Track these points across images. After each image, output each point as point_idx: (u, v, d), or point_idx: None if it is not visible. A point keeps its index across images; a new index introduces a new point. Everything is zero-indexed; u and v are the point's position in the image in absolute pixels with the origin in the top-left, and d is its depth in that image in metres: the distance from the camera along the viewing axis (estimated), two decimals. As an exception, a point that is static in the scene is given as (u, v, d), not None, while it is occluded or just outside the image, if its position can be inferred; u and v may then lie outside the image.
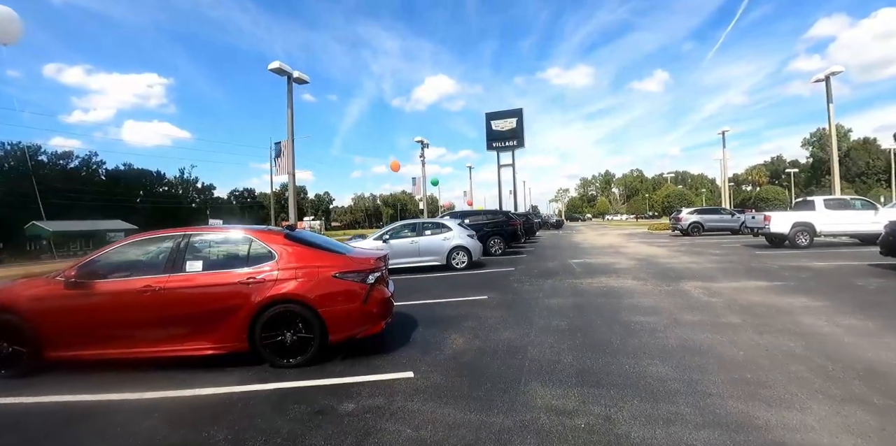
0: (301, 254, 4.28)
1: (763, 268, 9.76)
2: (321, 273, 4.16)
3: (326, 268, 4.20)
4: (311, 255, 4.28)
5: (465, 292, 7.87)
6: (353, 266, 4.25)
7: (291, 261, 4.21)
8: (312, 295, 4.09)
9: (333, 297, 4.12)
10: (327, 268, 4.19)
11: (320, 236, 5.15)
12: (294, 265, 4.19)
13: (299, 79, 14.11)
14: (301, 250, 4.30)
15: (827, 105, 18.60)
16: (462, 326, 5.44)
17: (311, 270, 4.17)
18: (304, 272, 4.16)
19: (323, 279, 4.14)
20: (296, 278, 4.13)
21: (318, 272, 4.16)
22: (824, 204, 14.28)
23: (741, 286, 7.61)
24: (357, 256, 4.47)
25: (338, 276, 4.17)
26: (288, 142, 13.83)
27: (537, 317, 5.75)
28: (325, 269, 4.18)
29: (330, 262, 4.25)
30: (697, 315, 5.68)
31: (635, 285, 7.97)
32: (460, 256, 11.24)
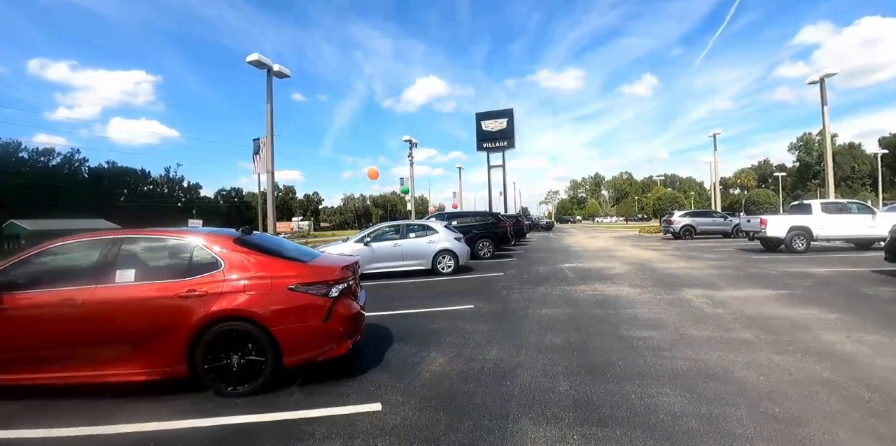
0: (252, 262, 3.63)
1: (763, 274, 9.29)
2: (275, 285, 3.52)
3: (281, 278, 3.56)
4: (264, 264, 3.63)
5: (450, 301, 7.25)
6: (313, 276, 3.62)
7: (240, 271, 3.57)
8: (263, 311, 3.45)
9: (289, 314, 3.49)
10: (282, 279, 3.55)
11: (280, 240, 4.51)
12: (243, 275, 3.55)
13: (279, 72, 13.41)
14: (252, 257, 3.66)
15: (822, 107, 18.33)
16: (443, 342, 4.82)
17: (263, 282, 3.53)
18: (255, 284, 3.52)
19: (276, 292, 3.50)
20: (244, 291, 3.49)
21: (272, 284, 3.52)
22: (821, 207, 13.93)
23: (745, 295, 7.11)
24: (319, 265, 3.83)
25: (295, 289, 3.53)
26: (267, 138, 13.12)
27: (528, 332, 5.15)
28: (279, 280, 3.54)
29: (286, 272, 3.61)
30: (705, 329, 5.13)
31: (633, 293, 7.42)
32: (446, 260, 10.61)
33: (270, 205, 13.39)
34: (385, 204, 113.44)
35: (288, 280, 3.55)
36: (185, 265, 3.65)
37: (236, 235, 3.88)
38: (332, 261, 4.06)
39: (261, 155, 13.19)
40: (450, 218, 15.16)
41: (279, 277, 3.56)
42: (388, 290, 8.78)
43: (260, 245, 3.88)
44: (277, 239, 4.48)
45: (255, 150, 13.38)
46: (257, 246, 3.84)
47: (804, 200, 15.45)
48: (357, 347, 4.21)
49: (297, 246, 4.54)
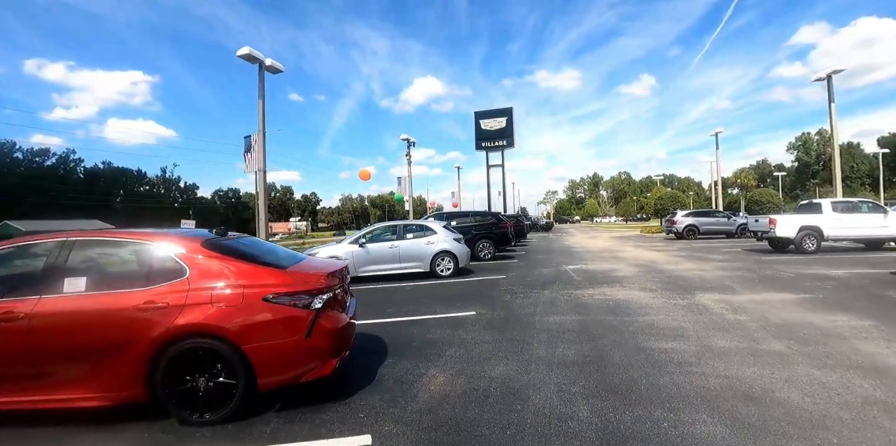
0: (222, 268, 3.14)
1: (778, 276, 8.83)
2: (248, 295, 3.03)
3: (255, 287, 3.06)
4: (237, 270, 3.14)
5: (450, 306, 6.76)
6: (292, 285, 3.12)
7: (208, 279, 3.08)
8: (234, 325, 2.95)
9: (263, 329, 3.00)
10: (257, 288, 3.06)
11: (260, 243, 4.01)
12: (211, 284, 3.05)
13: (272, 67, 12.91)
14: (223, 263, 3.16)
15: (829, 104, 17.92)
16: (443, 356, 4.33)
17: (234, 292, 3.03)
18: (225, 294, 3.03)
19: (249, 303, 3.01)
20: (212, 302, 2.99)
21: (244, 294, 3.03)
22: (832, 206, 13.48)
23: (765, 299, 6.64)
24: (301, 271, 3.34)
25: (271, 300, 3.04)
26: (258, 135, 12.61)
27: (536, 343, 4.67)
28: (253, 290, 3.05)
29: (261, 280, 3.12)
30: (731, 339, 4.66)
31: (645, 298, 6.95)
32: (445, 262, 10.12)
33: (262, 205, 12.88)
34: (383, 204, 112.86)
35: (263, 289, 3.06)
36: (144, 272, 3.16)
37: (205, 237, 3.38)
38: (315, 267, 3.56)
39: (252, 153, 12.68)
40: (449, 218, 14.66)
41: (253, 286, 3.06)
42: (384, 295, 8.29)
43: (233, 248, 3.39)
44: (255, 241, 3.99)
45: (246, 148, 12.86)
46: (230, 249, 3.34)
47: (814, 199, 15.01)
48: (346, 363, 3.72)
49: (278, 249, 4.04)
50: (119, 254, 3.29)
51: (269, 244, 4.16)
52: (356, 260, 9.71)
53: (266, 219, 12.78)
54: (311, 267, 3.55)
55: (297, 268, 3.41)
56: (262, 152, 12.60)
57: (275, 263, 3.38)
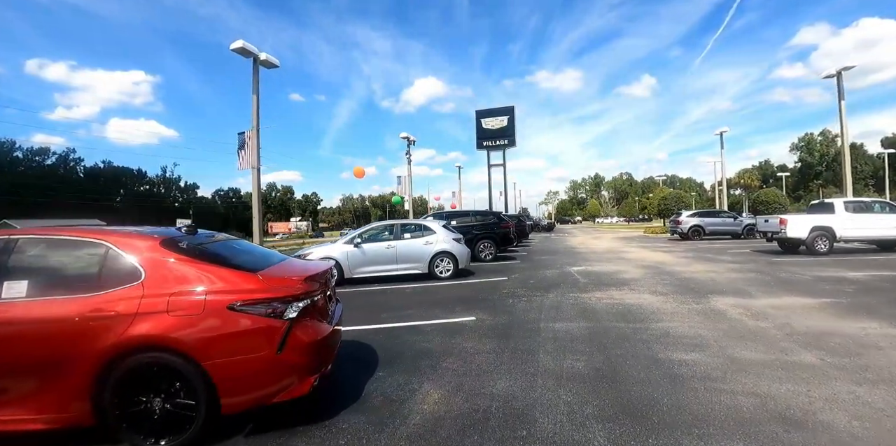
0: (183, 272, 2.72)
1: (794, 279, 8.40)
2: (210, 303, 2.61)
3: (220, 294, 2.65)
4: (199, 274, 2.72)
5: (448, 311, 6.34)
6: (262, 291, 2.70)
7: (165, 284, 2.66)
8: (193, 338, 2.54)
9: (227, 342, 2.58)
10: (221, 295, 2.64)
11: (233, 241, 3.57)
12: (168, 290, 2.64)
13: (266, 61, 12.52)
14: (184, 266, 2.75)
15: (838, 101, 17.48)
16: (439, 368, 3.91)
17: (195, 299, 2.62)
18: (184, 301, 2.61)
19: (212, 313, 2.60)
20: (168, 311, 2.58)
21: (206, 302, 2.61)
22: (844, 206, 13.04)
23: (785, 304, 6.22)
24: (274, 275, 2.91)
25: (236, 308, 2.62)
26: (252, 131, 12.21)
27: (542, 353, 4.25)
28: (217, 297, 2.63)
29: (227, 285, 2.70)
30: (755, 349, 4.23)
31: (656, 302, 6.53)
32: (444, 263, 9.69)
33: (256, 203, 12.47)
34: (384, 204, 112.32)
35: (228, 296, 2.64)
36: (94, 276, 2.74)
37: (166, 236, 2.96)
38: (293, 270, 3.14)
39: (246, 149, 12.28)
40: (449, 217, 14.23)
41: (217, 292, 2.65)
42: (379, 298, 7.87)
43: (198, 249, 2.97)
44: (229, 240, 3.56)
45: (239, 145, 12.45)
46: (194, 250, 2.92)
47: (825, 199, 14.57)
48: (328, 378, 3.30)
49: (255, 249, 3.62)
50: (67, 255, 2.87)
51: (246, 244, 3.74)
52: (351, 260, 9.30)
53: (260, 218, 12.37)
54: (287, 270, 3.13)
55: (271, 271, 2.99)
56: (256, 149, 12.20)
57: (246, 266, 2.95)
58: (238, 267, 2.89)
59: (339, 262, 9.24)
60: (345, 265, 9.24)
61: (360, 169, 20.83)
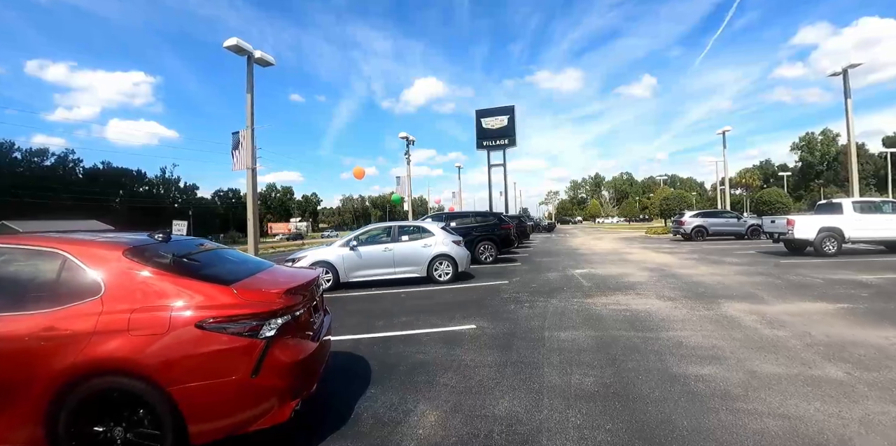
0: (149, 284, 2.43)
1: (805, 282, 8.10)
2: (177, 320, 2.32)
3: (188, 310, 2.36)
4: (166, 287, 2.43)
5: (447, 318, 6.05)
6: (236, 306, 2.41)
7: (128, 299, 2.37)
8: (157, 360, 2.25)
9: (195, 365, 2.29)
10: (189, 311, 2.35)
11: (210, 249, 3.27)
12: (131, 305, 2.35)
13: (261, 59, 12.23)
14: (150, 278, 2.46)
15: (844, 100, 17.18)
16: (437, 384, 3.62)
17: (160, 315, 2.33)
18: (148, 318, 2.32)
19: (179, 331, 2.31)
20: (130, 330, 2.29)
21: (172, 319, 2.32)
22: (853, 207, 12.75)
23: (800, 310, 5.92)
24: (251, 288, 2.61)
25: (206, 327, 2.33)
26: (247, 131, 11.93)
27: (548, 366, 3.95)
28: (184, 313, 2.34)
29: (197, 300, 2.41)
30: (776, 362, 3.94)
31: (664, 308, 6.23)
32: (443, 267, 9.40)
33: (251, 205, 12.18)
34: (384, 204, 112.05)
35: (197, 312, 2.35)
36: (47, 289, 2.45)
37: (132, 244, 2.67)
38: (273, 281, 2.85)
39: (241, 149, 12.00)
40: (448, 218, 13.93)
41: (184, 308, 2.36)
42: (374, 303, 7.58)
43: (168, 258, 2.68)
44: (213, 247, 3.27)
45: (234, 145, 12.16)
46: (163, 259, 2.63)
47: (833, 199, 14.29)
48: (314, 398, 3.01)
49: (235, 257, 3.32)
50: (18, 266, 2.59)
51: (227, 251, 3.44)
52: (347, 264, 9.00)
53: (255, 220, 12.08)
54: (267, 281, 2.84)
55: (248, 282, 2.69)
56: (251, 149, 11.92)
57: (221, 277, 2.66)
58: (211, 278, 2.59)
59: (335, 266, 8.96)
60: (340, 269, 8.95)
61: (359, 169, 20.51)
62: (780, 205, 27.15)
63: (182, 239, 3.36)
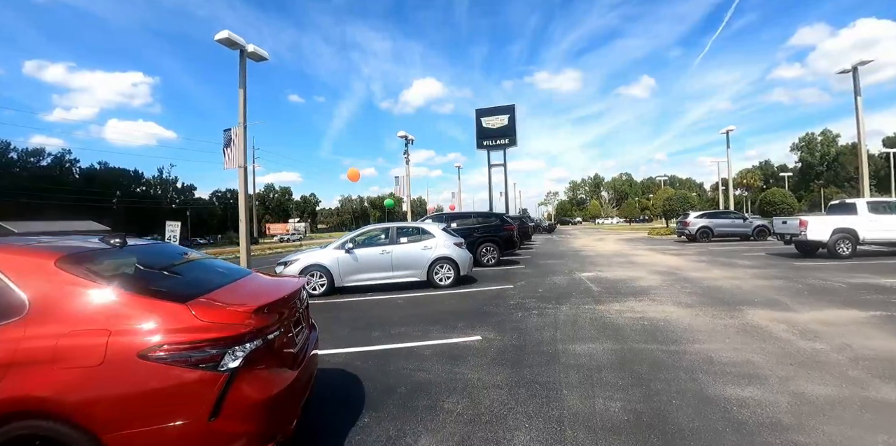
0: (84, 302, 1.96)
1: (827, 287, 7.65)
2: (114, 349, 1.85)
3: (129, 335, 1.88)
4: (106, 306, 1.95)
5: (449, 328, 5.57)
6: (191, 330, 1.93)
7: (57, 321, 1.90)
8: (88, 401, 1.78)
9: (136, 406, 1.82)
10: (130, 337, 1.88)
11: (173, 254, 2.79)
12: (60, 330, 1.87)
13: (254, 54, 11.76)
14: (87, 293, 1.98)
15: (854, 98, 16.76)
16: (439, 411, 3.14)
17: (95, 342, 1.85)
18: (79, 346, 1.84)
19: (117, 363, 1.83)
20: (56, 360, 1.81)
21: (109, 347, 1.85)
22: (868, 207, 12.31)
23: (831, 318, 5.46)
24: (214, 305, 2.13)
25: (151, 357, 1.86)
26: (239, 128, 11.44)
27: (566, 388, 3.48)
28: (124, 339, 1.87)
29: (143, 321, 1.93)
30: (822, 381, 3.48)
31: (684, 316, 5.77)
32: (444, 270, 8.91)
33: (243, 205, 11.69)
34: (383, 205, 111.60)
35: (142, 338, 1.88)
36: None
37: (69, 252, 2.18)
38: (243, 295, 2.37)
39: (233, 147, 11.52)
40: (448, 219, 13.45)
41: (126, 333, 1.88)
42: (371, 311, 7.10)
43: (112, 267, 2.20)
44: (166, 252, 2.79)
45: (225, 143, 11.68)
46: (106, 269, 2.16)
47: (846, 199, 13.84)
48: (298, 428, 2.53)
49: (202, 264, 2.84)
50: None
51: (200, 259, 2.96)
52: (342, 268, 8.51)
53: (247, 221, 11.59)
54: (236, 295, 2.36)
55: (211, 298, 2.20)
56: (243, 147, 11.43)
57: (177, 291, 2.18)
58: (164, 294, 2.10)
59: (329, 270, 8.47)
60: (335, 272, 8.47)
61: (354, 171, 19.77)
62: (786, 205, 26.68)
63: (139, 242, 2.88)
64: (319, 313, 7.05)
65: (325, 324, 6.15)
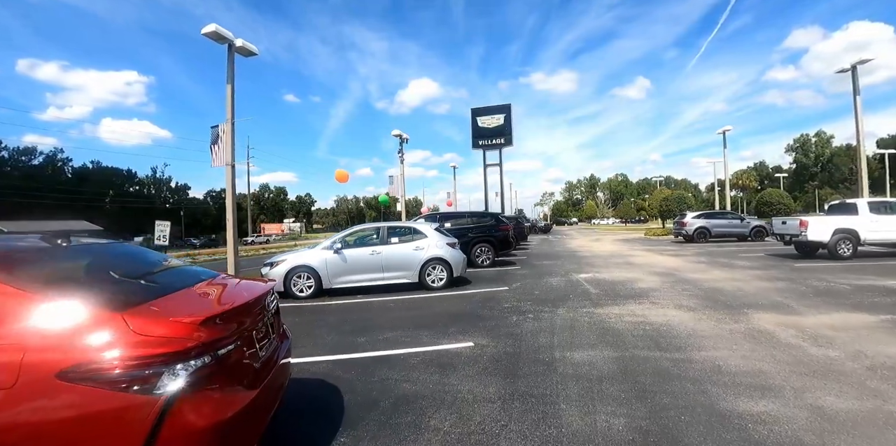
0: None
1: (831, 288, 7.41)
2: (29, 368, 1.54)
3: (50, 352, 1.58)
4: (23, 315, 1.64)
5: (440, 333, 5.27)
6: (123, 346, 1.63)
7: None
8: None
9: (55, 436, 1.51)
10: (52, 354, 1.57)
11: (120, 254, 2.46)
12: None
13: (243, 48, 11.39)
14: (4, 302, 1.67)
15: (853, 97, 16.60)
16: (426, 430, 2.84)
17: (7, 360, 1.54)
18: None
19: (32, 385, 1.52)
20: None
21: (24, 364, 1.54)
22: (869, 207, 12.12)
23: (840, 322, 5.21)
24: (155, 315, 1.81)
25: (71, 377, 1.55)
26: (227, 124, 11.09)
27: (564, 402, 3.18)
28: (43, 357, 1.56)
29: (67, 335, 1.62)
30: (840, 393, 3.21)
31: (687, 320, 5.50)
32: (437, 272, 8.60)
33: (230, 204, 11.34)
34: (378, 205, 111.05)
35: (64, 355, 1.57)
36: None
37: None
38: (195, 303, 2.06)
39: (220, 144, 11.17)
40: (442, 219, 13.14)
41: (44, 349, 1.57)
42: (359, 313, 6.79)
43: (44, 270, 1.89)
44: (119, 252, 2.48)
45: (213, 140, 11.32)
46: (31, 272, 1.84)
47: (846, 199, 13.65)
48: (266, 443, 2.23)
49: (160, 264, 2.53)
50: None
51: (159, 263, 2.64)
52: (330, 269, 8.19)
53: (234, 220, 11.22)
54: (187, 302, 2.05)
55: (154, 306, 1.89)
56: (231, 144, 11.07)
57: (115, 297, 1.86)
58: (98, 301, 1.79)
59: (317, 271, 8.15)
60: (323, 274, 8.14)
61: (342, 172, 19.29)
62: (782, 206, 26.58)
63: (99, 243, 2.57)
64: (305, 316, 6.74)
65: (310, 328, 5.85)
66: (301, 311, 7.17)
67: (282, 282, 8.05)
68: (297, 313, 7.02)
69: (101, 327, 1.65)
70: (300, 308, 7.44)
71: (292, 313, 7.02)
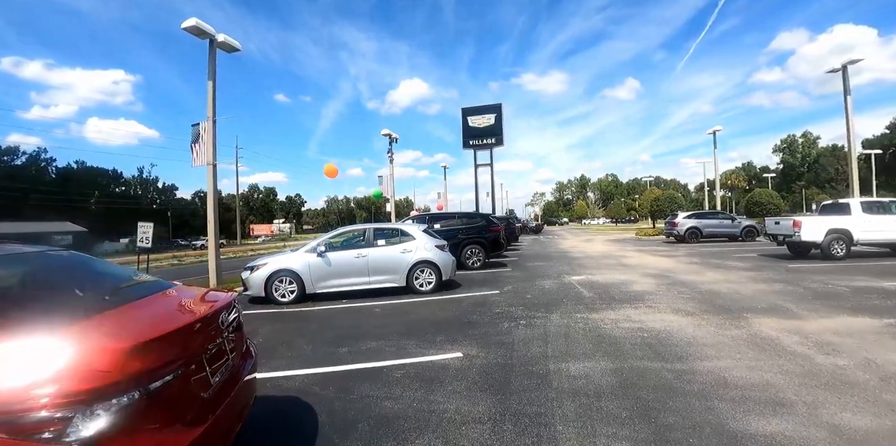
0: None
1: (829, 291, 7.25)
2: None
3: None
4: None
5: (427, 342, 4.97)
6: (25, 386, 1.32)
7: None
8: None
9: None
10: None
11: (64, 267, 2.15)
12: None
13: (225, 43, 11.00)
14: None
15: (844, 97, 16.61)
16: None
17: None
18: None
19: None
20: None
21: None
22: (862, 207, 12.06)
23: (844, 327, 5.01)
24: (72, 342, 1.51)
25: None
26: (208, 123, 10.70)
27: (561, 423, 2.91)
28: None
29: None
30: (855, 408, 2.98)
31: (686, 326, 5.26)
32: (425, 275, 8.30)
33: (211, 205, 10.93)
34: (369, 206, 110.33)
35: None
36: None
37: None
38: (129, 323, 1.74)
39: (201, 143, 10.78)
40: (431, 220, 12.86)
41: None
42: (342, 321, 6.47)
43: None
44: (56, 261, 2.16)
45: (193, 138, 10.92)
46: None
47: (839, 199, 13.59)
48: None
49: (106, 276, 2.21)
50: None
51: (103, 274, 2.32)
52: (314, 273, 7.85)
53: (216, 221, 10.82)
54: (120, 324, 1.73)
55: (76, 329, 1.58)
56: (213, 143, 10.69)
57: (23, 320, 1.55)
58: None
59: (300, 275, 7.80)
60: (306, 278, 7.80)
61: (331, 167, 18.67)
62: (772, 206, 26.66)
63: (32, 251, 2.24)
64: (285, 324, 6.41)
65: (289, 337, 5.52)
66: (281, 318, 6.83)
67: (262, 287, 7.71)
68: (276, 320, 6.68)
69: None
70: (281, 314, 7.10)
71: (272, 320, 6.69)
